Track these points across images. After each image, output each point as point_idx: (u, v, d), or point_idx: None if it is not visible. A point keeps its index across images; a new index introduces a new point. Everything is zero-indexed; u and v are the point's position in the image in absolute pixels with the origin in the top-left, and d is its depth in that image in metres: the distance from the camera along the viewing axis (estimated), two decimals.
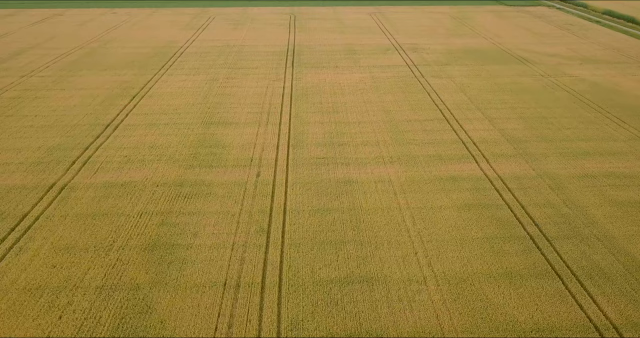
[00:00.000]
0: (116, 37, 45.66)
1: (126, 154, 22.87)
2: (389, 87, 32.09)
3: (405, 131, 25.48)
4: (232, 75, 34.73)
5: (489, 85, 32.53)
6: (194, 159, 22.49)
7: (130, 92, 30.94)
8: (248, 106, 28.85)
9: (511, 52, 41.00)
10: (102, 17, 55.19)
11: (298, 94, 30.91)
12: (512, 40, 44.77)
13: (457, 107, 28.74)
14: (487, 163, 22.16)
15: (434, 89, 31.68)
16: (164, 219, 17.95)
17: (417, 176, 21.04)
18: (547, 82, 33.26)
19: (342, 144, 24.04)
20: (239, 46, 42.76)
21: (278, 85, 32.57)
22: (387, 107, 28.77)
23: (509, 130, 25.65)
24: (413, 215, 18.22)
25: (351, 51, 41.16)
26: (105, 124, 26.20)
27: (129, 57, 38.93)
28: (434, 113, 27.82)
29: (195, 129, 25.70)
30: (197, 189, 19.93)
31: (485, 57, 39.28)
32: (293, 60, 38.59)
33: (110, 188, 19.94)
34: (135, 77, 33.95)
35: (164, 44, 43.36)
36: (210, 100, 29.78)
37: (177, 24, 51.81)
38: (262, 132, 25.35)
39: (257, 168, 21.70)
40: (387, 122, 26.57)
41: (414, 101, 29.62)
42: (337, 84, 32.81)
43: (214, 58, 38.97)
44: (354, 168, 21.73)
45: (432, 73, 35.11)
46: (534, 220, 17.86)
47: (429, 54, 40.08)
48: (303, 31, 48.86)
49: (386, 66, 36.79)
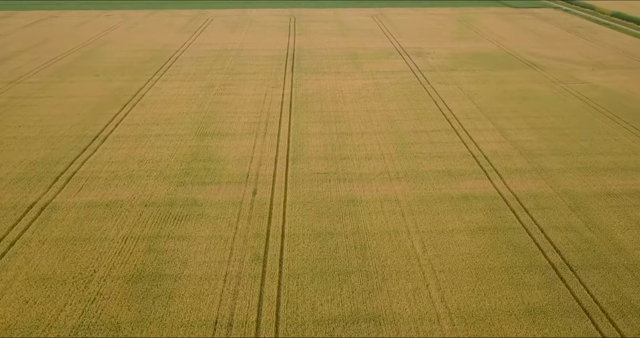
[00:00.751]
0: (111, 40, 44.16)
1: (114, 169, 21.38)
2: (393, 95, 30.58)
3: (412, 143, 23.98)
4: (229, 81, 33.23)
5: (498, 93, 31.03)
6: (186, 174, 20.98)
7: (122, 100, 29.45)
8: (245, 115, 27.36)
9: (519, 56, 39.48)
10: (98, 20, 53.71)
11: (298, 102, 29.41)
12: (519, 44, 43.26)
13: (465, 116, 27.24)
14: (500, 179, 20.66)
15: (441, 97, 30.17)
16: (151, 245, 16.45)
17: (426, 194, 19.53)
18: (558, 89, 31.74)
19: (344, 158, 22.54)
20: (236, 50, 41.27)
21: (277, 92, 31.08)
22: (391, 116, 27.27)
23: (522, 142, 24.14)
24: (423, 240, 16.72)
25: (353, 55, 39.67)
26: (93, 135, 24.70)
27: (123, 62, 37.44)
28: (442, 123, 26.32)
29: (188, 140, 24.21)
30: (188, 210, 18.43)
31: (492, 62, 37.78)
32: (293, 65, 37.09)
33: (94, 209, 18.44)
34: (128, 84, 32.46)
35: (160, 47, 41.87)
36: (205, 108, 28.28)
37: (173, 27, 50.33)
38: (259, 144, 23.86)
39: (253, 185, 20.21)
40: (392, 133, 25.08)
41: (420, 110, 28.11)
42: (338, 91, 31.31)
43: (210, 63, 37.47)
44: (358, 185, 20.23)
45: (438, 79, 33.61)
46: (555, 247, 16.36)
47: (434, 59, 38.57)
48: (303, 34, 47.36)
49: (390, 72, 35.29)
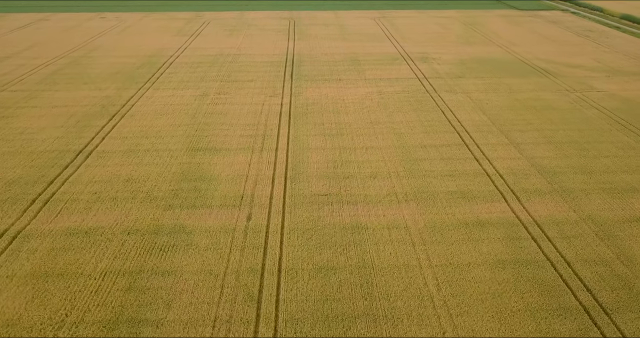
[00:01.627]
0: (102, 45, 42.39)
1: (96, 190, 19.60)
2: (398, 105, 28.81)
3: (420, 160, 22.21)
4: (224, 89, 31.46)
5: (510, 102, 29.24)
6: (174, 196, 19.21)
7: (110, 110, 27.67)
8: (240, 128, 25.58)
9: (529, 62, 37.70)
10: (90, 23, 51.94)
11: (297, 113, 27.64)
12: (529, 49, 41.47)
13: (476, 129, 25.46)
14: (518, 202, 18.88)
15: (449, 107, 28.39)
16: (132, 282, 14.67)
17: (438, 220, 17.75)
18: (573, 99, 29.96)
19: (347, 176, 20.77)
20: (233, 55, 39.49)
21: (275, 102, 29.30)
22: (397, 128, 25.50)
23: (539, 158, 22.37)
24: (436, 276, 14.94)
25: (355, 61, 37.89)
26: (76, 150, 22.93)
27: (114, 68, 35.67)
28: (452, 137, 24.55)
29: (179, 156, 22.44)
30: (175, 239, 16.66)
31: (501, 69, 36.00)
32: (292, 71, 35.32)
33: (72, 237, 16.66)
34: (118, 92, 30.69)
35: (153, 52, 40.10)
36: (198, 120, 26.50)
37: (169, 30, 48.56)
38: (255, 161, 22.09)
39: (248, 208, 18.43)
40: (399, 148, 23.31)
41: (428, 122, 26.34)
42: (340, 101, 29.54)
43: (205, 69, 35.70)
44: (363, 208, 18.45)
45: (445, 87, 31.83)
46: (585, 284, 14.59)
47: (440, 65, 36.79)
48: (303, 38, 45.60)
49: (394, 79, 33.51)
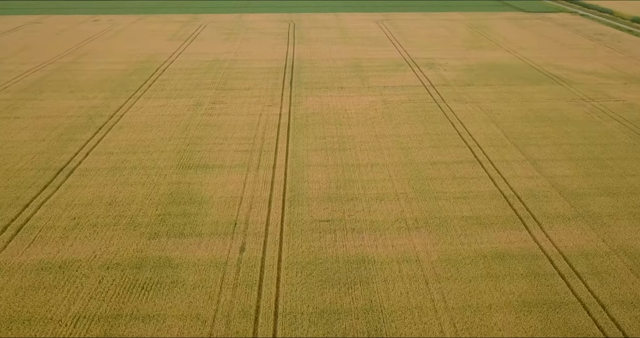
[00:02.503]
0: (93, 50, 40.61)
1: (75, 215, 17.82)
2: (404, 116, 27.03)
3: (430, 179, 20.43)
4: (220, 98, 29.68)
5: (523, 113, 27.46)
6: (161, 223, 17.43)
7: (97, 122, 25.90)
8: (236, 142, 23.81)
9: (540, 68, 35.92)
10: (82, 26, 50.16)
11: (297, 124, 25.86)
12: (539, 54, 39.68)
13: (489, 143, 23.68)
14: (540, 229, 17.09)
15: (459, 118, 26.61)
16: (107, 329, 12.89)
17: (453, 252, 15.97)
18: (590, 109, 28.18)
19: (351, 198, 18.99)
20: (230, 61, 37.71)
21: (273, 112, 27.53)
22: (404, 143, 23.72)
23: (559, 177, 20.58)
24: (454, 321, 13.16)
25: (358, 67, 36.11)
26: (58, 167, 21.16)
27: (103, 75, 33.90)
28: (463, 152, 22.77)
29: (168, 175, 20.66)
30: (159, 274, 14.88)
31: (512, 75, 34.21)
32: (291, 78, 33.54)
33: (44, 273, 14.89)
34: (106, 102, 28.91)
35: (146, 58, 38.32)
36: (190, 133, 24.73)
37: (163, 34, 46.78)
38: (251, 180, 20.32)
39: (241, 237, 16.66)
40: (406, 165, 21.53)
41: (437, 135, 24.55)
42: (342, 111, 27.76)
43: (200, 76, 33.91)
44: (369, 237, 16.67)
45: (454, 96, 30.04)
46: (625, 334, 12.80)
47: (447, 71, 35.01)
48: (303, 42, 43.81)
49: (399, 87, 31.72)
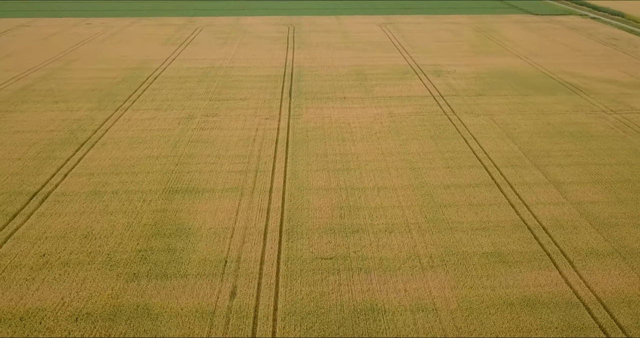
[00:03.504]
0: (82, 56, 38.55)
1: (46, 251, 15.79)
2: (412, 130, 24.98)
3: (444, 206, 18.38)
4: (213, 110, 27.63)
5: (541, 127, 25.41)
6: (142, 260, 15.39)
7: (79, 138, 23.87)
8: (229, 161, 21.77)
9: (554, 76, 33.87)
10: (73, 29, 48.09)
11: (296, 140, 23.83)
12: (551, 60, 37.62)
13: (506, 162, 21.64)
14: (572, 269, 15.05)
15: (472, 133, 24.56)
16: None
17: (475, 298, 13.92)
18: (613, 122, 26.12)
19: (357, 230, 16.96)
20: (226, 68, 35.65)
21: (271, 126, 25.49)
22: (413, 162, 21.68)
23: (588, 204, 18.53)
24: None
25: (361, 75, 34.06)
26: (31, 192, 19.12)
27: (91, 84, 31.85)
28: (479, 173, 20.72)
29: (153, 201, 18.63)
30: (135, 328, 12.82)
31: (525, 84, 32.16)
32: (291, 87, 31.49)
33: (1, 326, 12.85)
34: (91, 114, 26.87)
35: (137, 64, 36.27)
36: (180, 150, 22.69)
37: (157, 38, 44.71)
38: (245, 207, 18.28)
39: (232, 279, 14.63)
40: (417, 189, 19.48)
41: (449, 153, 22.51)
42: (345, 124, 25.72)
43: (193, 85, 31.87)
44: (378, 279, 14.64)
45: (465, 107, 27.99)
46: None
47: (456, 80, 32.96)
48: (303, 47, 41.75)
49: (406, 97, 29.67)
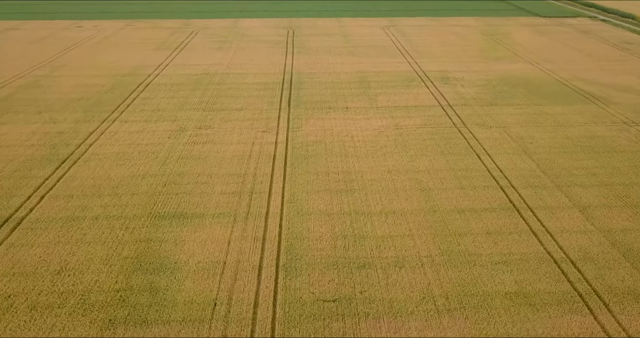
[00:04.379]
0: (71, 61, 36.72)
1: (12, 291, 13.97)
2: (421, 144, 23.14)
3: (459, 234, 16.55)
4: (207, 121, 25.80)
5: (559, 141, 23.57)
6: (120, 303, 13.55)
7: (61, 153, 22.05)
8: (223, 180, 19.94)
9: (569, 83, 32.03)
10: (64, 32, 46.27)
11: (295, 156, 22.02)
12: (565, 66, 35.77)
13: (525, 182, 19.80)
14: (609, 313, 13.22)
15: (485, 148, 22.73)
16: None
17: None
18: (635, 135, 24.27)
19: (363, 265, 15.13)
20: (221, 74, 33.82)
21: (268, 140, 23.67)
22: (423, 181, 19.85)
23: (618, 232, 16.69)
24: None
25: (364, 82, 32.23)
26: (3, 217, 17.29)
27: (78, 92, 30.02)
28: (495, 195, 18.88)
29: (137, 228, 16.80)
30: None
31: (538, 92, 30.31)
32: (290, 96, 29.65)
33: None
34: (76, 126, 25.05)
35: (128, 70, 34.43)
36: (169, 168, 20.85)
37: (151, 42, 42.88)
38: (238, 236, 16.46)
39: (222, 326, 12.81)
40: (429, 214, 17.65)
41: (461, 171, 20.67)
42: (348, 138, 23.90)
43: (187, 93, 30.04)
44: (389, 327, 12.80)
45: (476, 118, 26.16)
46: None
47: (465, 88, 31.12)
48: (303, 52, 39.91)
49: (412, 107, 27.83)
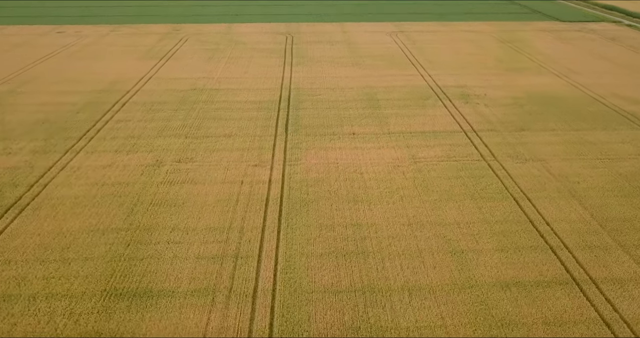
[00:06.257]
0: (42, 74, 32.69)
1: None
2: (445, 184, 19.13)
3: (509, 324, 12.55)
4: (188, 152, 21.82)
5: (611, 180, 19.55)
6: None
7: (7, 197, 18.07)
8: (201, 238, 15.95)
9: (606, 101, 28.02)
10: (42, 39, 42.21)
11: (293, 201, 18.03)
12: (596, 80, 31.73)
13: (580, 240, 15.80)
14: None
15: (523, 190, 18.72)
16: None
17: None
18: None
19: None
20: (210, 90, 29.79)
21: (261, 177, 19.70)
22: (452, 239, 15.85)
23: None
24: None
25: (373, 101, 28.21)
26: None
27: (44, 112, 26.04)
28: (546, 260, 14.86)
29: (84, 315, 12.82)
30: None
31: (574, 113, 26.30)
32: (287, 118, 25.64)
33: None
34: (32, 159, 21.07)
35: (106, 85, 30.42)
36: (137, 220, 16.86)
37: (135, 50, 38.84)
38: (216, 325, 12.52)
39: None
40: (464, 291, 13.65)
41: (499, 224, 16.66)
42: (357, 174, 19.91)
43: (168, 115, 26.03)
44: None
45: (507, 149, 22.15)
46: None
47: (489, 107, 27.11)
48: (303, 63, 35.88)
49: (430, 133, 23.81)
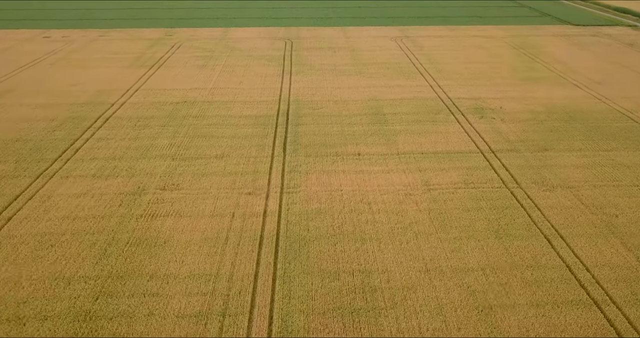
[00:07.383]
0: (21, 84, 30.30)
1: None
2: (465, 219, 16.77)
3: None
4: (174, 177, 19.47)
5: None
6: None
7: None
8: (183, 290, 13.58)
9: (635, 116, 25.65)
10: (25, 45, 39.82)
11: (291, 240, 15.68)
12: (621, 92, 29.32)
13: (628, 292, 13.46)
14: None
15: (554, 226, 16.35)
16: None
17: None
18: None
19: None
20: (201, 103, 27.42)
21: (255, 209, 17.34)
22: (478, 290, 13.49)
23: None
24: None
25: (379, 115, 25.84)
26: None
27: (18, 130, 23.70)
28: (591, 320, 12.50)
29: None
30: None
31: (601, 130, 23.94)
32: (285, 136, 23.29)
33: None
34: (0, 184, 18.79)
35: (89, 97, 28.05)
36: (109, 265, 14.50)
37: (123, 57, 36.43)
38: None
39: None
40: None
41: (530, 270, 14.30)
42: (364, 205, 17.56)
43: (155, 132, 23.69)
44: None
45: (531, 173, 19.79)
46: None
47: (507, 123, 24.74)
48: (302, 71, 33.49)
49: (444, 154, 21.45)
